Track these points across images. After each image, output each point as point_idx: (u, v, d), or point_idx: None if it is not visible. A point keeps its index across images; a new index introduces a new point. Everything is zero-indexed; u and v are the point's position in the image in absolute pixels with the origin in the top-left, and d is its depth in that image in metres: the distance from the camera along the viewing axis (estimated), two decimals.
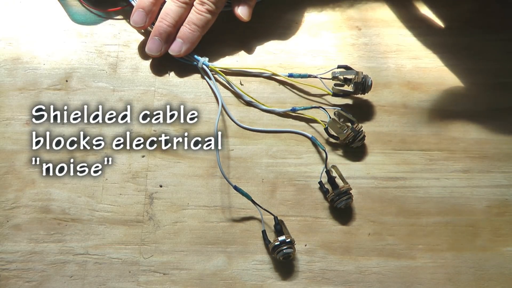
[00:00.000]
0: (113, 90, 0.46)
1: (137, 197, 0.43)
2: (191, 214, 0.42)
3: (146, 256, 0.41)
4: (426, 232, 0.42)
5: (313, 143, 0.44)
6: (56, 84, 0.46)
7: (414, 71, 0.47)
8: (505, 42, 0.48)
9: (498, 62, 0.47)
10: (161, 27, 0.45)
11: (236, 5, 0.46)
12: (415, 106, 0.46)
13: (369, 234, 0.42)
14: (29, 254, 0.41)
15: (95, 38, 0.48)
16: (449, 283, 0.41)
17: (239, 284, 0.40)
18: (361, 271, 0.41)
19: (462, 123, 0.45)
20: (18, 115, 0.45)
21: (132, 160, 0.44)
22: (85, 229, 0.42)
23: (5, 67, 0.47)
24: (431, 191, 0.43)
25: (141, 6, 0.46)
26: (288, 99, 0.46)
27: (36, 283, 0.40)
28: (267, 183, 0.43)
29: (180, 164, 0.44)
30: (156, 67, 0.47)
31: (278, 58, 0.47)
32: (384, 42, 0.48)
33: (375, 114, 0.45)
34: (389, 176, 0.44)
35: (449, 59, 0.48)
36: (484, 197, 0.43)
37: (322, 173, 0.43)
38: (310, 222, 0.42)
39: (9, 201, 0.42)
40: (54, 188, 0.43)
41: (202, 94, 0.46)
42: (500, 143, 0.45)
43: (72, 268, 0.41)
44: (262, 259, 0.41)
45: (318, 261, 0.41)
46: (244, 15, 0.46)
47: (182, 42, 0.45)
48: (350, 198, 0.41)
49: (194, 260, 0.41)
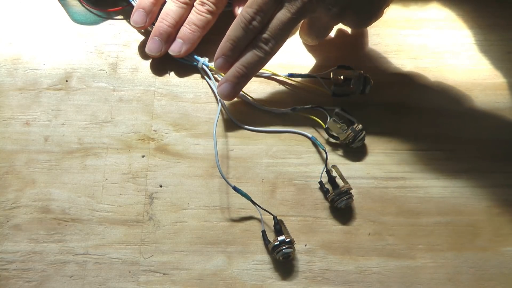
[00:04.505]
0: (113, 90, 0.46)
1: (137, 197, 0.43)
2: (191, 214, 0.42)
3: (146, 256, 0.41)
4: (426, 232, 0.42)
5: (313, 143, 0.44)
6: (56, 84, 0.46)
7: (414, 71, 0.47)
8: (505, 42, 0.48)
9: (498, 62, 0.47)
10: (161, 27, 0.45)
11: (237, 5, 0.46)
12: (415, 106, 0.46)
13: (369, 234, 0.42)
14: (29, 254, 0.41)
15: (95, 38, 0.48)
16: (449, 283, 0.41)
17: (239, 284, 0.40)
18: (361, 271, 0.41)
19: (462, 123, 0.45)
20: (18, 115, 0.45)
21: (132, 160, 0.44)
22: (85, 229, 0.42)
23: (5, 67, 0.47)
24: (431, 191, 0.43)
25: (141, 6, 0.46)
26: (288, 99, 0.46)
27: (36, 283, 0.40)
28: (267, 183, 0.43)
29: (180, 164, 0.44)
30: (156, 67, 0.47)
31: (278, 58, 0.47)
32: (384, 42, 0.48)
33: (375, 114, 0.45)
34: (389, 176, 0.44)
35: (449, 59, 0.48)
36: (484, 197, 0.43)
37: (322, 173, 0.43)
38: (310, 222, 0.42)
39: (9, 201, 0.42)
40: (54, 188, 0.43)
41: (202, 94, 0.46)
42: (500, 143, 0.45)
43: (72, 268, 0.41)
44: (262, 259, 0.41)
45: (318, 261, 0.41)
46: None
47: (182, 43, 0.45)
48: (350, 198, 0.41)
49: (194, 260, 0.41)
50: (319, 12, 0.41)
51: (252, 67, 0.42)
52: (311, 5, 0.40)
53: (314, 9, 0.40)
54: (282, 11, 0.40)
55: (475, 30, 0.49)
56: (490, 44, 0.48)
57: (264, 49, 0.41)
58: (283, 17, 0.40)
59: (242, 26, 0.41)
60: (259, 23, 0.41)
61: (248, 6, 0.41)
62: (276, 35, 0.41)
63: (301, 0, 0.40)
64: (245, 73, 0.42)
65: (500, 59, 0.48)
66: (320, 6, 0.40)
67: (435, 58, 0.48)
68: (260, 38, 0.41)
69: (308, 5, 0.40)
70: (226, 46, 0.42)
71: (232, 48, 0.42)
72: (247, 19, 0.41)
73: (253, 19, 0.41)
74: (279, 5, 0.41)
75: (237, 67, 0.42)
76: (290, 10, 0.40)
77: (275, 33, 0.41)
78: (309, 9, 0.40)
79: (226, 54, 0.42)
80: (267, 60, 0.42)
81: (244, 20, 0.41)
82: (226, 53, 0.42)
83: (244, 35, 0.41)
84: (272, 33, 0.41)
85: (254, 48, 0.41)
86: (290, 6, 0.40)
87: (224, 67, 0.43)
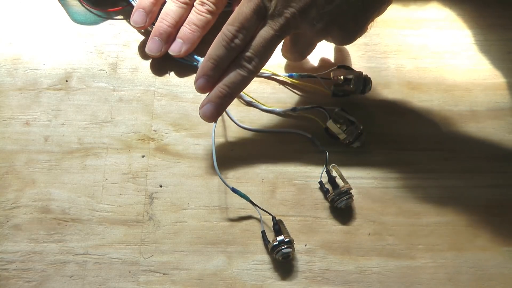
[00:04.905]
0: (113, 90, 0.46)
1: (137, 197, 0.43)
2: (191, 214, 0.42)
3: (146, 256, 0.41)
4: (426, 232, 0.42)
5: (313, 143, 0.44)
6: (56, 84, 0.46)
7: (414, 71, 0.47)
8: (505, 42, 0.48)
9: (498, 62, 0.47)
10: (161, 27, 0.45)
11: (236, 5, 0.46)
12: (415, 106, 0.46)
13: (369, 234, 0.42)
14: (29, 254, 0.41)
15: (95, 38, 0.48)
16: (449, 283, 0.41)
17: (239, 284, 0.40)
18: (361, 271, 0.41)
19: (462, 123, 0.45)
20: (18, 115, 0.45)
21: (132, 160, 0.44)
22: (85, 229, 0.42)
23: (5, 67, 0.47)
24: (431, 191, 0.43)
25: (141, 6, 0.46)
26: (288, 99, 0.46)
27: (36, 283, 0.40)
28: (267, 183, 0.43)
29: (180, 164, 0.44)
30: (156, 67, 0.47)
31: (278, 58, 0.47)
32: (384, 42, 0.48)
33: (375, 114, 0.45)
34: (389, 176, 0.44)
35: (449, 59, 0.48)
36: (484, 197, 0.43)
37: (322, 173, 0.43)
38: (310, 222, 0.42)
39: (9, 201, 0.42)
40: (54, 188, 0.43)
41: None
42: (500, 143, 0.45)
43: (72, 268, 0.41)
44: (262, 259, 0.41)
45: (318, 261, 0.41)
46: None
47: (182, 43, 0.45)
48: (350, 198, 0.41)
49: (194, 260, 0.41)
50: (303, 28, 0.39)
51: (235, 87, 0.40)
52: (295, 21, 0.38)
53: (298, 26, 0.39)
54: (265, 28, 0.38)
55: (475, 30, 0.49)
56: (490, 44, 0.48)
57: (248, 68, 0.39)
58: (266, 34, 0.38)
59: (223, 44, 0.39)
60: (242, 41, 0.39)
61: (230, 24, 0.39)
62: (259, 53, 0.39)
63: (284, 17, 0.38)
64: (228, 93, 0.40)
65: (500, 59, 0.48)
66: (304, 22, 0.38)
67: (435, 58, 0.48)
68: (243, 57, 0.39)
69: (292, 21, 0.38)
70: (207, 66, 0.40)
71: (213, 68, 0.40)
72: (229, 37, 0.39)
73: (235, 37, 0.39)
74: (262, 21, 0.39)
75: (220, 88, 0.40)
76: (273, 27, 0.38)
77: (259, 51, 0.39)
78: (292, 25, 0.39)
79: (207, 74, 0.40)
80: (251, 79, 0.40)
81: (226, 38, 0.39)
82: (208, 73, 0.40)
83: (226, 53, 0.39)
84: (255, 51, 0.39)
85: (237, 67, 0.39)
86: (273, 23, 0.38)
87: (205, 88, 0.40)
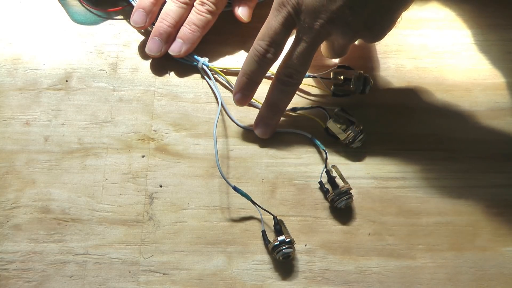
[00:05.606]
0: (113, 90, 0.46)
1: (137, 197, 0.43)
2: (191, 214, 0.42)
3: (146, 256, 0.41)
4: (426, 232, 0.42)
5: (313, 143, 0.44)
6: (56, 84, 0.46)
7: (414, 71, 0.47)
8: (505, 42, 0.48)
9: (498, 62, 0.47)
10: (161, 27, 0.45)
11: (237, 6, 0.46)
12: (415, 106, 0.46)
13: (369, 234, 0.42)
14: (29, 254, 0.41)
15: (95, 38, 0.48)
16: (449, 283, 0.41)
17: (239, 284, 0.40)
18: (361, 271, 0.41)
19: (462, 123, 0.45)
20: (18, 115, 0.45)
21: (132, 160, 0.44)
22: (85, 229, 0.42)
23: (5, 67, 0.47)
24: (431, 191, 0.43)
25: (141, 6, 0.46)
26: None
27: (36, 283, 0.40)
28: (267, 183, 0.43)
29: (180, 164, 0.44)
30: (156, 67, 0.47)
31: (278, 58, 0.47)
32: (384, 42, 0.48)
33: (375, 114, 0.45)
34: (389, 176, 0.44)
35: (449, 59, 0.48)
36: (484, 197, 0.43)
37: (322, 173, 0.43)
38: (310, 222, 0.42)
39: (9, 201, 0.42)
40: (54, 188, 0.43)
41: (202, 94, 0.46)
42: (499, 143, 0.45)
43: (72, 268, 0.41)
44: (262, 259, 0.41)
45: (318, 261, 0.41)
46: (244, 15, 0.46)
47: (182, 42, 0.45)
48: (350, 198, 0.41)
49: (194, 260, 0.41)
50: (334, 34, 0.40)
51: (283, 104, 0.43)
52: (325, 31, 0.39)
53: (329, 34, 0.40)
54: (300, 43, 0.40)
55: (475, 30, 0.49)
56: (490, 44, 0.48)
57: (291, 83, 0.42)
58: (301, 48, 0.40)
59: (256, 60, 0.41)
60: (273, 55, 0.41)
61: (260, 39, 0.41)
62: (299, 68, 0.41)
63: (314, 29, 0.39)
64: (277, 110, 0.43)
65: (500, 59, 0.48)
66: (334, 30, 0.39)
67: (435, 58, 0.48)
68: (285, 73, 0.41)
69: (323, 32, 0.39)
70: (242, 81, 0.42)
71: (248, 82, 0.42)
72: (261, 52, 0.41)
73: (267, 52, 0.41)
74: (291, 31, 0.41)
75: (270, 107, 0.43)
76: (306, 40, 0.40)
77: (297, 67, 0.41)
78: (323, 35, 0.40)
79: (243, 88, 0.43)
80: (295, 91, 0.43)
81: (258, 53, 0.41)
82: (243, 87, 0.43)
83: (259, 68, 0.42)
84: (295, 68, 0.41)
85: (281, 84, 0.42)
86: (305, 37, 0.40)
87: (243, 102, 0.43)
